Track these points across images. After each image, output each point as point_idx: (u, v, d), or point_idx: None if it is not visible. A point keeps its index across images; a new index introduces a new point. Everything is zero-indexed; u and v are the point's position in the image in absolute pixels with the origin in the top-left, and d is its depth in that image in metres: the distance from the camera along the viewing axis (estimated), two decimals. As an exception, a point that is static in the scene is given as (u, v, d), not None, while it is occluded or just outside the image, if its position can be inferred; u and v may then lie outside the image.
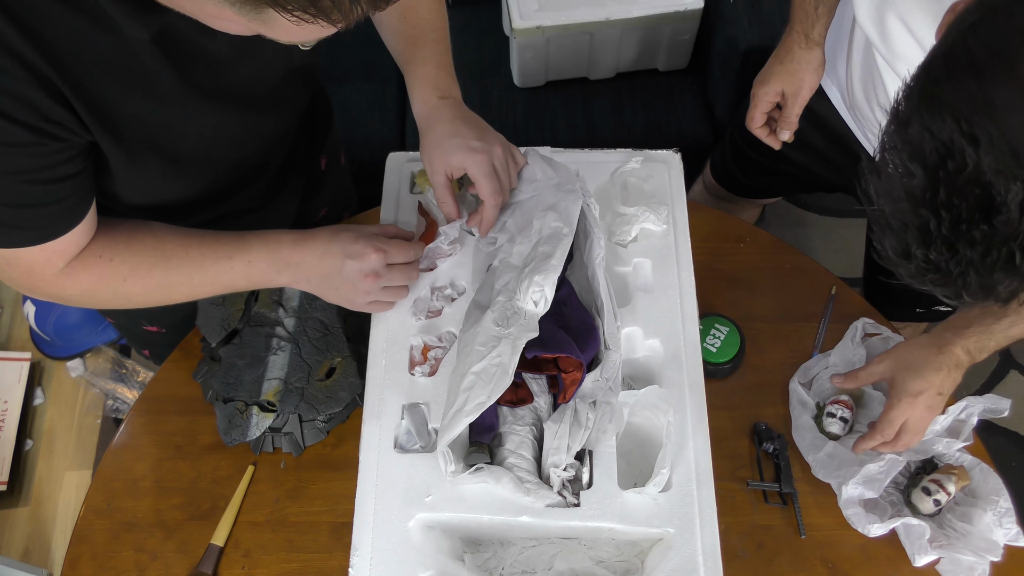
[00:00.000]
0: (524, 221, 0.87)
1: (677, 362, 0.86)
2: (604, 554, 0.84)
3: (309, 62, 0.91)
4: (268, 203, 1.03)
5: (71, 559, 0.89)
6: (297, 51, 0.81)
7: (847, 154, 1.09)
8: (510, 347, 0.76)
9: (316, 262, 0.82)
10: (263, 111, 0.85)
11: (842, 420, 0.91)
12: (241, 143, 0.86)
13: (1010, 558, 0.83)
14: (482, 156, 0.84)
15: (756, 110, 1.04)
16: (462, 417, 0.74)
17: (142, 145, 0.74)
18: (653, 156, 0.98)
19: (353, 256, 0.81)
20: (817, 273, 1.05)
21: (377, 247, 0.82)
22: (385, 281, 0.83)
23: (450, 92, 0.89)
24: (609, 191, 0.96)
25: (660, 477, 0.76)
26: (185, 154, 0.80)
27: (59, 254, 0.74)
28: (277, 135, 0.92)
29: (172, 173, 0.81)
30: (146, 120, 0.72)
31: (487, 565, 0.84)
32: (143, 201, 0.86)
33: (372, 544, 0.77)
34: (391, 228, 0.88)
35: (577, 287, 0.88)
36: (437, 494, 0.79)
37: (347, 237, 0.82)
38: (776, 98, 1.02)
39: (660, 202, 0.94)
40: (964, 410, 0.89)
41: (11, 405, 1.69)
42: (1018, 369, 1.83)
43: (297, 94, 0.92)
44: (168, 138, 0.76)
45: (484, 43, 1.69)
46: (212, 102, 0.76)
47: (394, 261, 0.83)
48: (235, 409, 0.92)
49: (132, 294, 0.80)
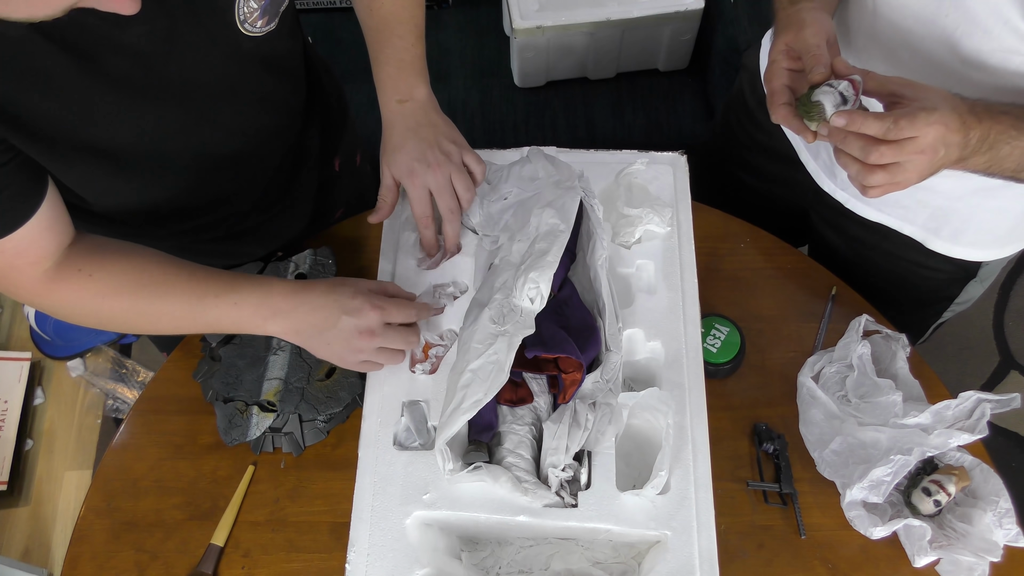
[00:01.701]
0: (525, 219, 0.87)
1: (678, 365, 0.86)
2: (601, 555, 0.84)
3: (272, 48, 0.84)
4: (276, 204, 1.03)
5: (71, 559, 0.89)
6: (244, 38, 0.78)
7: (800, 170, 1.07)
8: (506, 344, 0.76)
9: (309, 313, 0.79)
10: (216, 102, 0.81)
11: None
12: (199, 137, 0.83)
13: (1010, 559, 0.83)
14: (417, 180, 0.84)
15: (771, 82, 0.81)
16: (460, 415, 0.74)
17: (64, 144, 0.72)
18: (658, 158, 0.98)
19: (350, 312, 0.78)
20: (817, 273, 1.05)
21: (375, 304, 0.78)
22: (381, 341, 0.80)
23: (410, 94, 0.87)
24: (613, 192, 0.96)
25: (658, 479, 0.76)
26: (125, 151, 0.77)
27: (20, 255, 0.72)
28: (251, 127, 0.89)
29: (118, 170, 0.79)
30: (56, 117, 0.69)
31: (484, 564, 0.84)
32: (115, 202, 0.84)
33: (369, 541, 0.77)
34: (390, 286, 0.85)
35: (580, 287, 0.88)
36: (435, 492, 0.79)
37: (345, 292, 0.79)
38: (786, 59, 0.80)
39: (665, 204, 0.94)
40: (975, 404, 0.88)
41: (11, 405, 1.69)
42: (1018, 369, 1.83)
43: (263, 84, 0.87)
44: (92, 136, 0.73)
45: (484, 43, 1.69)
46: (141, 96, 0.74)
47: (392, 320, 0.80)
48: (235, 409, 0.92)
49: (112, 315, 0.79)
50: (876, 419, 0.89)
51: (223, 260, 0.95)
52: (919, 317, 1.16)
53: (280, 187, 1.02)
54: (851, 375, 0.92)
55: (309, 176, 1.06)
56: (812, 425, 0.92)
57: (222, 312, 0.79)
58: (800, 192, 1.12)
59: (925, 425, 0.87)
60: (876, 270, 1.09)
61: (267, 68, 0.86)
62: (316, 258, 1.00)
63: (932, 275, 1.06)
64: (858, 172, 0.73)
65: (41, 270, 0.75)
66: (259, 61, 0.84)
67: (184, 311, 0.79)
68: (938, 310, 1.13)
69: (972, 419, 0.87)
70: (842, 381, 0.93)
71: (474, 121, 1.61)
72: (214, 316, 0.79)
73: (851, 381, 0.92)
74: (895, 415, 0.88)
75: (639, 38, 1.57)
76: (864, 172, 0.73)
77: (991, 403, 0.86)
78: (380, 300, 0.79)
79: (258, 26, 0.79)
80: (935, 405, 0.87)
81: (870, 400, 0.90)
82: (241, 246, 1.04)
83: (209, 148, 0.86)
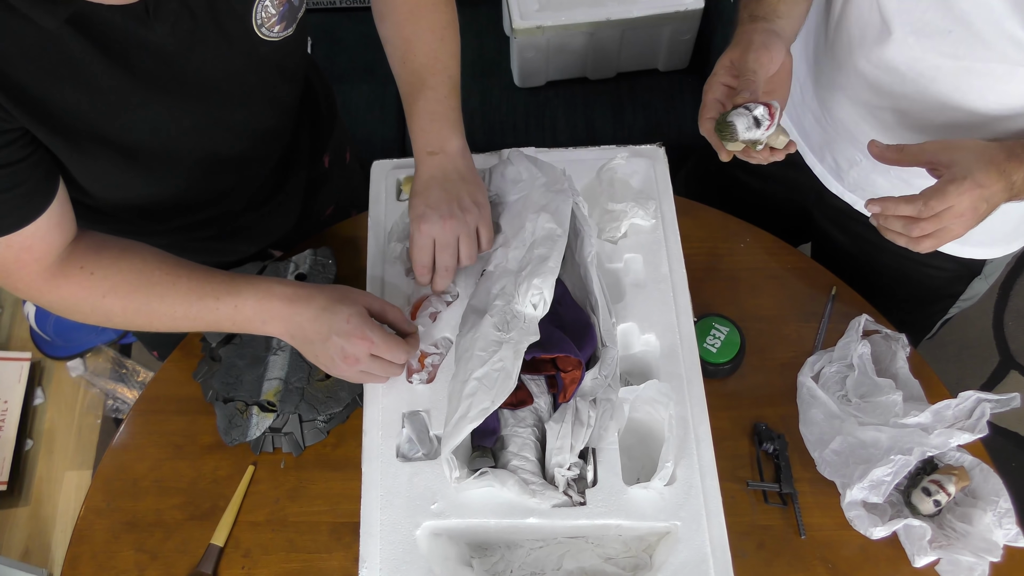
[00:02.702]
0: (516, 224, 0.87)
1: (674, 356, 0.86)
2: (612, 551, 0.83)
3: (287, 53, 0.85)
4: (268, 202, 1.03)
5: (71, 559, 0.89)
6: (260, 41, 0.79)
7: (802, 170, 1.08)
8: (512, 351, 0.76)
9: (304, 323, 0.79)
10: (230, 103, 0.83)
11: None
12: (210, 136, 0.84)
13: (1010, 559, 0.83)
14: (425, 227, 0.83)
15: (705, 95, 0.83)
16: (466, 423, 0.74)
17: (85, 136, 0.73)
18: (638, 151, 0.99)
19: (340, 335, 0.77)
20: (817, 273, 1.05)
21: (365, 336, 0.77)
22: (364, 367, 0.79)
23: (441, 146, 0.86)
24: (596, 188, 0.97)
25: (664, 471, 0.77)
26: (141, 146, 0.78)
27: (28, 251, 0.73)
28: (257, 129, 0.90)
29: (131, 166, 0.80)
30: (82, 110, 0.71)
31: (495, 569, 0.84)
32: (119, 197, 0.85)
33: (380, 555, 0.77)
34: (392, 312, 0.83)
35: (570, 285, 0.88)
36: (443, 501, 0.79)
37: (342, 313, 0.78)
38: (726, 74, 0.82)
39: (648, 197, 0.94)
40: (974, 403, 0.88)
41: (11, 405, 1.70)
42: (1018, 369, 1.83)
43: (275, 87, 0.89)
44: (114, 129, 0.75)
45: (484, 43, 1.69)
46: (163, 93, 0.75)
47: (380, 355, 0.79)
48: (235, 409, 0.92)
49: (111, 313, 0.80)
50: (876, 419, 0.89)
51: (215, 257, 0.96)
52: (926, 313, 1.16)
53: (273, 185, 1.02)
54: (851, 375, 0.92)
55: (299, 174, 1.06)
56: (812, 425, 0.92)
57: (223, 314, 0.79)
58: (802, 192, 1.12)
59: (925, 425, 0.87)
60: (882, 268, 1.09)
61: (281, 73, 0.87)
62: (316, 258, 1.00)
63: (938, 273, 1.06)
64: (907, 243, 0.78)
65: (44, 266, 0.75)
66: (275, 66, 0.85)
67: (184, 311, 0.79)
68: (944, 307, 1.13)
69: (972, 419, 0.87)
70: (842, 381, 0.93)
71: (474, 121, 1.61)
72: (214, 318, 0.80)
73: (851, 381, 0.92)
74: (895, 415, 0.88)
75: (639, 38, 1.57)
76: (912, 243, 0.78)
77: (991, 403, 0.86)
78: (373, 332, 0.78)
79: (275, 31, 0.80)
80: (935, 405, 0.87)
81: (870, 400, 0.91)
82: (233, 243, 1.04)
83: (218, 148, 0.87)
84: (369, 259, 0.95)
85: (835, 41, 0.94)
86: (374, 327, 0.79)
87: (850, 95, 0.95)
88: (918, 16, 0.81)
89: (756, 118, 0.76)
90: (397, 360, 0.81)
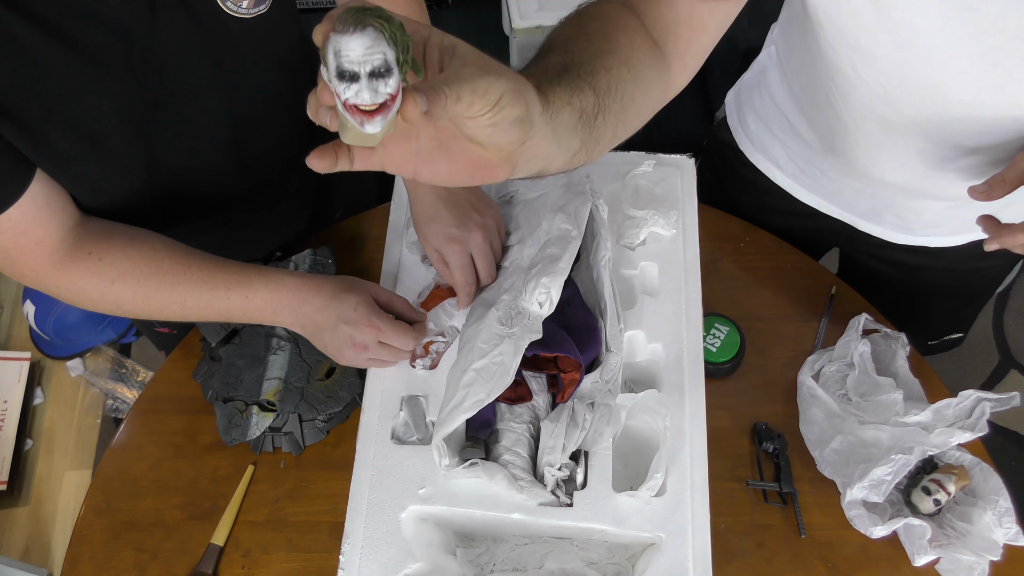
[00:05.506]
0: (534, 222, 0.87)
1: (678, 368, 0.86)
2: (595, 556, 0.84)
3: (265, 35, 0.81)
4: (277, 204, 1.02)
5: (71, 559, 0.89)
6: (230, 19, 0.76)
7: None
8: (512, 347, 0.76)
9: (313, 312, 0.80)
10: (205, 89, 0.79)
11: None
12: (189, 124, 0.81)
13: (1010, 558, 0.83)
14: (458, 246, 0.84)
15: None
16: (460, 413, 0.74)
17: (42, 118, 0.69)
18: (666, 160, 0.98)
19: (348, 323, 0.79)
20: (817, 273, 1.05)
21: (373, 323, 0.79)
22: (372, 354, 0.81)
23: None
24: (620, 193, 0.97)
25: (654, 481, 0.76)
26: (111, 132, 0.75)
27: (24, 235, 0.72)
28: (252, 122, 0.87)
29: (109, 161, 0.77)
30: (33, 91, 0.67)
31: (479, 560, 0.84)
32: (105, 201, 0.82)
33: (364, 533, 0.78)
34: (399, 302, 0.84)
35: (582, 288, 0.88)
36: (431, 487, 0.79)
37: (349, 302, 0.80)
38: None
39: (671, 206, 0.94)
40: (974, 402, 0.88)
41: (11, 405, 1.70)
42: (1018, 369, 1.83)
43: (259, 74, 0.85)
44: (77, 116, 0.71)
45: (484, 43, 1.68)
46: (126, 71, 0.72)
47: (387, 342, 0.81)
48: (235, 409, 0.92)
49: (121, 300, 0.79)
50: (877, 417, 0.89)
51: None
52: (972, 310, 1.17)
53: (280, 188, 1.01)
54: (851, 374, 0.92)
55: (309, 176, 1.05)
56: (812, 424, 0.92)
57: (233, 304, 0.80)
58: (827, 235, 1.09)
59: (925, 424, 0.87)
60: (926, 286, 1.08)
61: (264, 58, 0.84)
62: (316, 258, 1.00)
63: (987, 271, 1.06)
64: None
65: (48, 251, 0.75)
66: (253, 50, 0.82)
67: (195, 300, 0.80)
68: (986, 297, 1.14)
69: (972, 418, 0.87)
70: (842, 380, 0.93)
71: (474, 121, 1.60)
72: (225, 307, 0.80)
73: (851, 380, 0.92)
74: (896, 413, 0.88)
75: (639, 38, 1.57)
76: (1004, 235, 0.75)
77: (991, 402, 0.86)
78: (380, 320, 0.80)
79: (243, 6, 0.77)
80: (935, 404, 0.87)
81: (871, 398, 0.91)
82: (240, 249, 1.03)
83: (202, 139, 0.84)
84: (387, 248, 0.95)
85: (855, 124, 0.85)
86: (381, 314, 0.80)
87: (899, 159, 0.86)
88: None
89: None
90: (404, 347, 0.82)
